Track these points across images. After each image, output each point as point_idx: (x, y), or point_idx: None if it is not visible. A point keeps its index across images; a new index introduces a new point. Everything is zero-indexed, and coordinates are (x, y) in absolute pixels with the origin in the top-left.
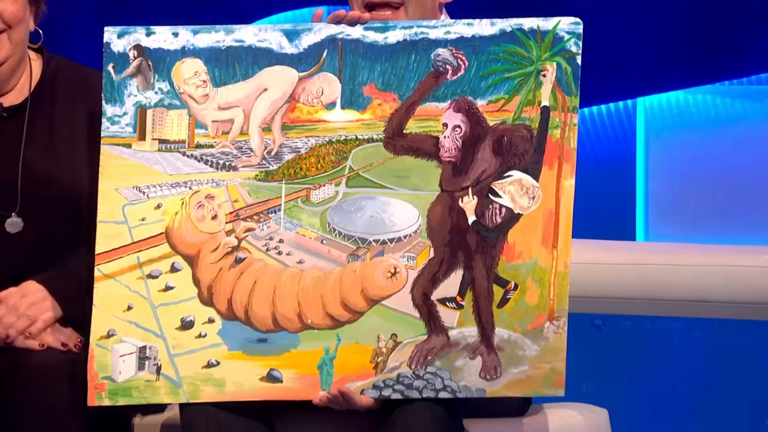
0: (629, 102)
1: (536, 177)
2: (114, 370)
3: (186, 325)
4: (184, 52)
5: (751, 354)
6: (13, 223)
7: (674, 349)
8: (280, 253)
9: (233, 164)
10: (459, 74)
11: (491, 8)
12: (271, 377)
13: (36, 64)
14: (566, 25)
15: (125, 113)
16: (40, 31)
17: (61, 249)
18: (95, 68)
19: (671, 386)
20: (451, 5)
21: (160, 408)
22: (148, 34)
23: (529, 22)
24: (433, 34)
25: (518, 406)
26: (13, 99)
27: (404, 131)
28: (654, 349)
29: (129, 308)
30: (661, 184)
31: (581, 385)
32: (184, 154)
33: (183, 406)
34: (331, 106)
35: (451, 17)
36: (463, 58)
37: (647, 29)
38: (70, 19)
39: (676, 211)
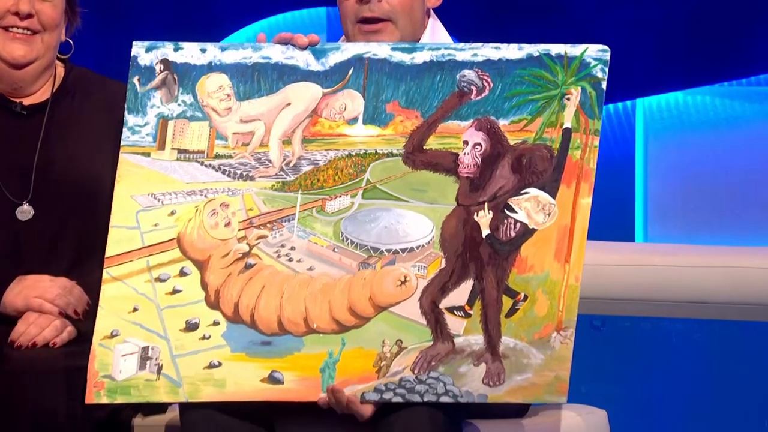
0: (628, 103)
1: (553, 195)
2: (114, 369)
3: (191, 327)
4: (210, 68)
5: (750, 355)
6: (24, 211)
7: (674, 351)
8: (291, 260)
9: (251, 174)
10: (483, 95)
11: (486, 8)
12: (273, 379)
13: (60, 71)
14: (594, 51)
15: (147, 123)
16: (71, 42)
17: (70, 241)
18: (117, 79)
19: (670, 388)
20: (446, 6)
21: (161, 408)
22: (176, 50)
23: (556, 48)
24: (460, 56)
25: (518, 408)
26: (34, 99)
27: (424, 147)
28: (653, 350)
29: (134, 310)
30: (660, 185)
31: (580, 386)
32: (202, 163)
33: (183, 409)
34: (353, 121)
35: (442, 19)
36: (488, 80)
37: (646, 30)
38: None
39: (675, 212)
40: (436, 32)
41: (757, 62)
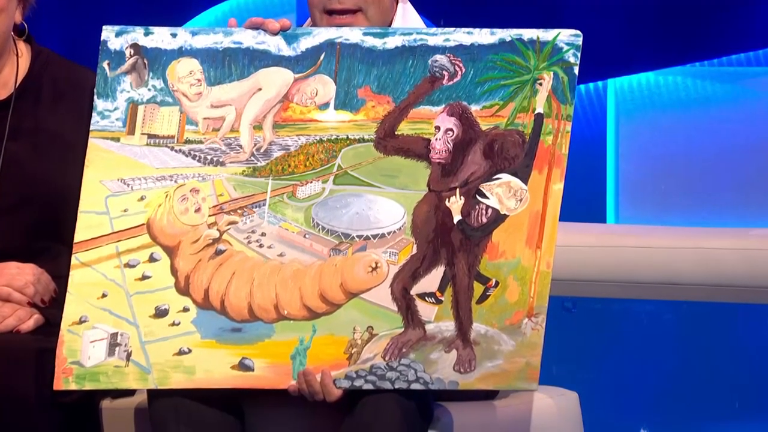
0: (599, 83)
1: (525, 180)
2: (83, 355)
3: (160, 313)
4: (180, 52)
5: (721, 337)
6: None
7: (645, 332)
8: (261, 246)
9: (221, 160)
10: (455, 80)
11: None
12: (243, 366)
13: (23, 59)
14: (566, 36)
15: (116, 108)
16: (26, 25)
17: (39, 244)
18: (83, 65)
19: (641, 369)
20: None
21: (130, 391)
22: (147, 34)
23: (528, 33)
24: (432, 41)
25: (488, 390)
26: None
27: (396, 133)
28: (624, 332)
29: (103, 296)
30: (631, 165)
31: (551, 368)
32: (172, 148)
33: (151, 397)
34: (324, 106)
35: (414, 2)
36: (461, 65)
37: (617, 10)
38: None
39: (647, 193)
40: (407, 16)
41: (727, 42)
